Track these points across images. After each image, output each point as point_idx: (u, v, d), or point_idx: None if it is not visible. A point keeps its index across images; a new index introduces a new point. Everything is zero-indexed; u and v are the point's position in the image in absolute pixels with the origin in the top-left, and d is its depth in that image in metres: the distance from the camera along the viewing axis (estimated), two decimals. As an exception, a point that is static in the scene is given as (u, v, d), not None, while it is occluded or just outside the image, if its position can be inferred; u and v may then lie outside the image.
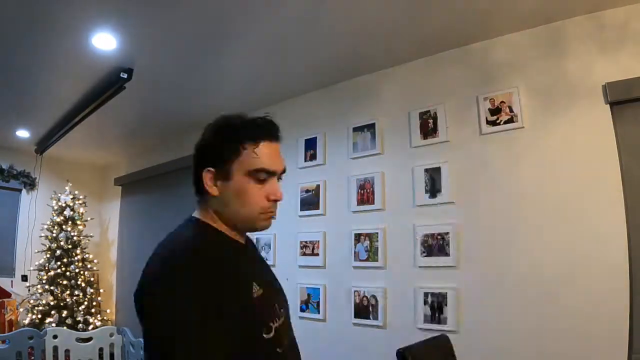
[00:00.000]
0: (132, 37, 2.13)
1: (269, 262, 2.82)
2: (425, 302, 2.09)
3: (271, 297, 0.90)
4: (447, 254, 2.07)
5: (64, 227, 4.02)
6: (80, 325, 3.72)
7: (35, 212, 4.23)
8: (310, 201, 2.68)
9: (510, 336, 1.86)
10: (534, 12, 1.88)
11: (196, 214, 0.91)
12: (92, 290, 4.01)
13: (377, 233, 2.32)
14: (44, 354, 2.91)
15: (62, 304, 3.80)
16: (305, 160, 2.76)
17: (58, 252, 3.92)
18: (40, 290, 3.81)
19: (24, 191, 4.39)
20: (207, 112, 3.20)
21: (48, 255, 3.94)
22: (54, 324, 3.58)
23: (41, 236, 4.03)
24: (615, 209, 1.70)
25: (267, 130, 0.89)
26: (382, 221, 2.34)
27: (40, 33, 2.07)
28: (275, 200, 0.88)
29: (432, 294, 2.08)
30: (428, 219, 2.17)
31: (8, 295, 3.88)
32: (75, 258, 3.98)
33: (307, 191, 2.71)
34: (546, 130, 1.91)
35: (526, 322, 1.83)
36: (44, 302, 3.76)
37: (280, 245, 2.84)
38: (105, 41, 2.13)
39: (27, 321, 3.70)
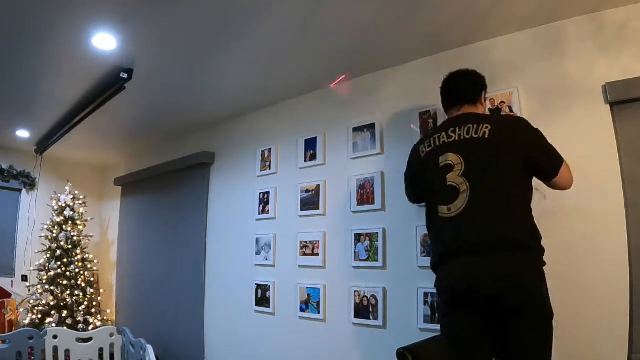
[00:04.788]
0: (132, 37, 2.13)
1: (268, 263, 2.85)
2: (425, 302, 2.09)
3: None
4: (447, 254, 2.07)
5: (64, 227, 4.02)
6: (80, 325, 3.72)
7: (35, 212, 4.24)
8: (310, 201, 2.68)
9: (510, 336, 1.86)
10: (534, 12, 1.88)
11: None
12: (92, 290, 4.01)
13: (377, 233, 2.32)
14: (44, 354, 2.91)
15: (62, 304, 3.80)
16: (305, 160, 2.76)
17: (58, 252, 3.91)
18: (40, 290, 3.81)
19: (24, 191, 4.39)
20: (206, 112, 3.26)
21: (48, 255, 3.94)
22: (54, 324, 3.58)
23: (41, 236, 4.03)
24: (615, 209, 1.70)
25: None
26: (382, 221, 2.34)
27: (40, 33, 2.07)
28: None
29: (432, 294, 2.08)
30: (428, 219, 2.17)
31: (8, 295, 3.89)
32: (75, 258, 3.98)
33: (307, 191, 2.71)
34: (546, 130, 1.89)
35: (526, 322, 1.83)
36: (44, 302, 3.76)
37: (280, 245, 2.84)
38: (105, 41, 2.13)
39: (27, 321, 3.70)
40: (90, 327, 3.74)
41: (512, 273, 1.34)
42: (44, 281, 3.83)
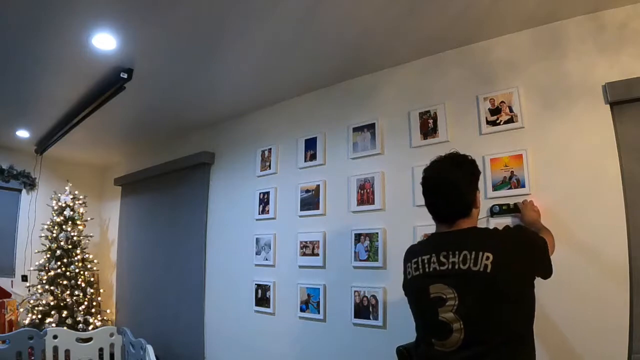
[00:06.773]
0: (132, 37, 2.13)
1: (268, 263, 2.85)
2: (425, 302, 2.09)
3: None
4: (447, 254, 2.07)
5: (64, 227, 4.03)
6: (80, 325, 3.72)
7: (35, 212, 4.24)
8: (310, 201, 2.68)
9: (510, 336, 1.86)
10: (534, 12, 1.88)
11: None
12: (92, 290, 4.02)
13: (377, 233, 2.32)
14: (44, 354, 2.91)
15: (62, 304, 3.80)
16: (305, 161, 2.76)
17: (58, 252, 3.92)
18: (40, 290, 3.81)
19: (24, 191, 4.40)
20: (206, 112, 3.26)
21: (48, 255, 3.94)
22: (54, 324, 3.58)
23: (41, 236, 4.03)
24: (615, 209, 1.69)
25: None
26: (382, 221, 2.34)
27: (41, 33, 2.07)
28: None
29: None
30: (428, 219, 2.15)
31: (8, 295, 3.89)
32: (75, 258, 3.98)
33: (307, 191, 2.71)
34: (546, 130, 1.91)
35: (526, 322, 1.82)
36: (44, 302, 3.76)
37: (280, 245, 2.84)
38: (105, 41, 2.13)
39: (27, 321, 3.70)
40: (90, 327, 3.74)
41: None
42: (44, 281, 3.83)
